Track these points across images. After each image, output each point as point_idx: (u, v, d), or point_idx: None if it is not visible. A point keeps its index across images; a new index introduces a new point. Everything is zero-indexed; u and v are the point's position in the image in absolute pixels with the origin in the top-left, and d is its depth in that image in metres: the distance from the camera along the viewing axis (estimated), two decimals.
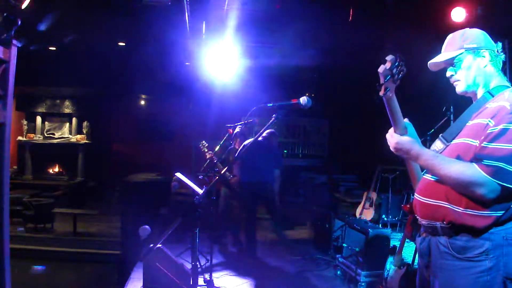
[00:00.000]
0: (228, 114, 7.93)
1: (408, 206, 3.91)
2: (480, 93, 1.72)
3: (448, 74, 1.79)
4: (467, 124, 1.66)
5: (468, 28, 1.78)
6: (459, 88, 1.77)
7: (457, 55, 1.74)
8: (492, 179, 1.47)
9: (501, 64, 1.74)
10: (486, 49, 1.71)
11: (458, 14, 4.74)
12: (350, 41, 5.93)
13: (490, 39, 1.75)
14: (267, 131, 4.93)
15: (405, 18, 5.30)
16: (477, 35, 1.75)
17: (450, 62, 1.77)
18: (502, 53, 1.74)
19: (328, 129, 10.40)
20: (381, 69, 1.52)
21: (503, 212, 1.53)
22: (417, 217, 1.78)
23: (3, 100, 2.33)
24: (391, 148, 1.71)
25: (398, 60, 1.51)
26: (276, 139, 5.34)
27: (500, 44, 1.74)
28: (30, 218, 7.88)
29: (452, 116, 5.30)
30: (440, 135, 1.77)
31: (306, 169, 9.45)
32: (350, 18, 5.25)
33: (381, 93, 1.54)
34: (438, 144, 1.76)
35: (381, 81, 1.53)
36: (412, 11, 5.19)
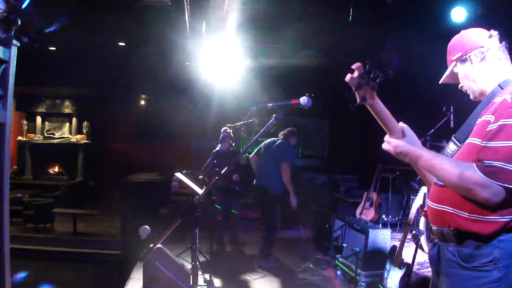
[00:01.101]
0: (228, 114, 7.94)
1: (425, 211, 3.91)
2: (490, 89, 1.65)
3: (459, 87, 1.78)
4: (476, 122, 1.57)
5: (453, 38, 1.75)
6: (471, 97, 1.74)
7: (451, 71, 1.73)
8: (493, 181, 1.37)
9: (504, 53, 1.64)
10: (471, 51, 1.65)
11: (458, 14, 4.75)
12: (350, 41, 5.93)
13: (477, 35, 1.68)
14: (288, 129, 5.27)
15: (405, 18, 5.30)
16: (458, 41, 1.72)
17: (455, 77, 1.75)
18: (497, 43, 1.64)
19: (328, 129, 10.41)
20: (347, 78, 1.50)
21: (511, 217, 1.42)
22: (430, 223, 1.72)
23: (3, 100, 2.33)
24: (392, 153, 1.66)
25: (368, 67, 1.46)
26: (294, 138, 5.34)
27: (494, 31, 1.66)
28: (30, 218, 7.88)
29: (452, 116, 5.30)
30: (452, 136, 1.70)
31: (306, 169, 9.44)
32: (350, 18, 5.25)
33: (358, 101, 1.51)
34: (451, 146, 1.69)
35: (353, 89, 1.50)
36: (412, 11, 5.19)
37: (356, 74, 1.48)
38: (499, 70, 1.63)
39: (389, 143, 1.65)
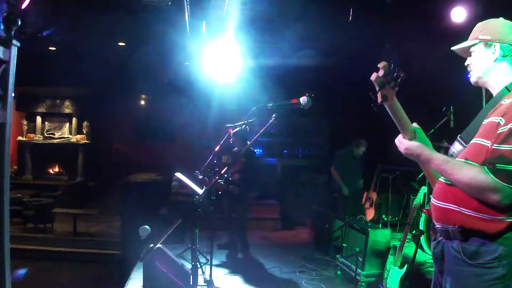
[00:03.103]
0: (228, 114, 7.93)
1: (428, 209, 3.95)
2: (496, 88, 1.65)
3: (466, 63, 1.76)
4: (483, 122, 1.57)
5: (493, 19, 1.71)
6: (471, 78, 1.73)
7: (471, 45, 1.70)
8: (505, 184, 1.39)
9: None
10: (500, 43, 1.62)
11: (458, 14, 4.74)
12: (350, 41, 5.93)
13: None
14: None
15: (405, 18, 5.30)
16: (494, 26, 1.67)
17: (468, 51, 1.73)
18: None
19: (328, 129, 10.39)
20: (373, 77, 1.49)
21: None
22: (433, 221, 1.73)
23: (3, 100, 2.33)
24: (403, 153, 1.67)
25: (392, 66, 1.47)
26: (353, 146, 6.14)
27: None
28: (30, 218, 7.88)
29: (452, 116, 5.30)
30: (458, 136, 1.71)
31: (306, 169, 9.44)
32: (350, 18, 5.25)
33: (379, 101, 1.51)
34: (456, 146, 1.69)
35: (376, 89, 1.50)
36: (412, 11, 5.19)
37: (381, 73, 1.48)
38: (511, 72, 1.63)
39: (402, 143, 1.65)
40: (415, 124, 1.70)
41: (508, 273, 1.44)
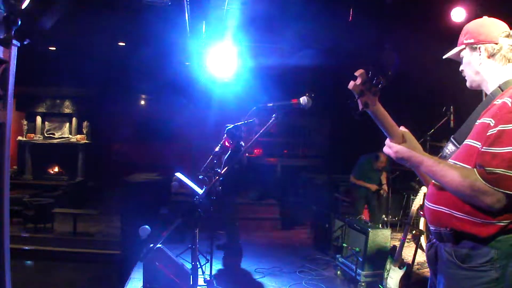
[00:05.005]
0: (228, 114, 7.93)
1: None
2: (490, 88, 1.62)
3: (460, 69, 1.75)
4: (476, 123, 1.54)
5: (476, 20, 1.69)
6: (467, 83, 1.72)
7: (458, 51, 1.70)
8: (495, 188, 1.36)
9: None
10: (483, 44, 1.60)
11: (458, 14, 4.75)
12: (350, 41, 5.93)
13: (496, 29, 1.61)
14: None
15: (405, 18, 5.31)
16: (475, 28, 1.66)
17: (459, 57, 1.72)
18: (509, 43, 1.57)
19: (328, 129, 10.39)
20: (350, 85, 1.49)
21: (510, 221, 1.41)
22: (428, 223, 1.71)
23: (3, 100, 2.33)
24: (393, 158, 1.65)
25: (370, 73, 1.46)
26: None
27: (505, 32, 1.58)
28: (30, 218, 7.88)
29: (452, 116, 5.30)
30: (451, 137, 1.69)
31: (306, 169, 9.44)
32: (350, 18, 5.25)
33: (360, 108, 1.50)
34: (449, 147, 1.67)
35: (356, 97, 1.50)
36: (412, 11, 5.19)
37: (359, 81, 1.48)
38: (503, 71, 1.60)
39: (391, 148, 1.64)
40: (402, 128, 1.69)
41: (501, 276, 1.43)
